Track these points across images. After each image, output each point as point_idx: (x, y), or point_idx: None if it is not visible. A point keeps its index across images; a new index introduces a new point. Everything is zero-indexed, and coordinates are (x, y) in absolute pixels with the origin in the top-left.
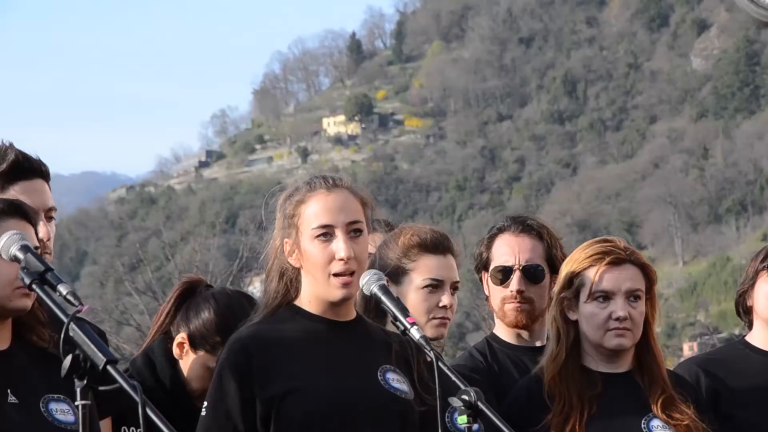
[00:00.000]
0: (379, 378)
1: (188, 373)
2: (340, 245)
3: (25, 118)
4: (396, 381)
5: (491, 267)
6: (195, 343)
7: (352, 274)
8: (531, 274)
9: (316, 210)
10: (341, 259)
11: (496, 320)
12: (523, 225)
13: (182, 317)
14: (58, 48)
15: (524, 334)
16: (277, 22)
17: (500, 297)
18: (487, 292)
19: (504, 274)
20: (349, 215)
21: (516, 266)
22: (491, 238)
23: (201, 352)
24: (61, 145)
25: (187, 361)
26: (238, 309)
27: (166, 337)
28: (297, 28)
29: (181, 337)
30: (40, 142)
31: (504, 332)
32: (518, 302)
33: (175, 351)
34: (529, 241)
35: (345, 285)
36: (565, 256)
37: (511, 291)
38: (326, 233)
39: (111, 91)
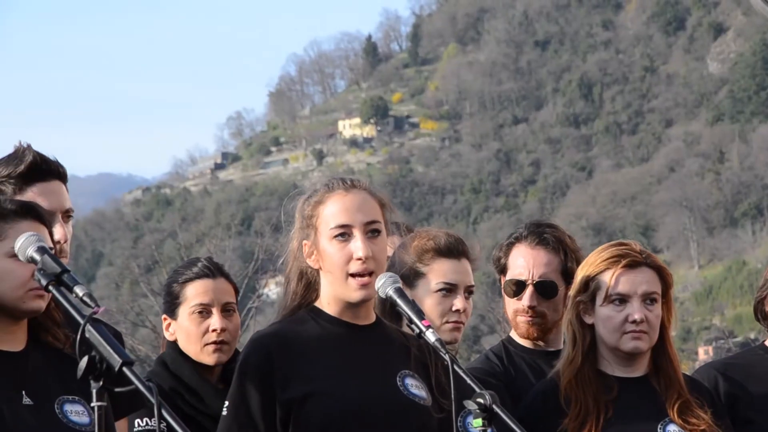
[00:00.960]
0: (398, 384)
1: (182, 341)
2: (357, 245)
3: (40, 119)
4: (415, 387)
5: (506, 278)
6: (169, 312)
7: (370, 274)
8: (544, 289)
9: (334, 210)
10: (359, 259)
11: None
12: (540, 237)
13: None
14: (71, 49)
15: (540, 342)
16: (292, 25)
17: (513, 308)
18: (504, 297)
19: (517, 287)
20: (367, 215)
21: (529, 281)
22: (509, 246)
23: (177, 312)
24: (76, 146)
25: (179, 333)
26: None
27: (173, 344)
28: (313, 31)
29: (163, 319)
30: (55, 143)
31: (520, 336)
32: (530, 316)
33: (169, 336)
34: (545, 255)
35: (363, 286)
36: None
37: (523, 305)
38: (344, 233)
39: (127, 93)
